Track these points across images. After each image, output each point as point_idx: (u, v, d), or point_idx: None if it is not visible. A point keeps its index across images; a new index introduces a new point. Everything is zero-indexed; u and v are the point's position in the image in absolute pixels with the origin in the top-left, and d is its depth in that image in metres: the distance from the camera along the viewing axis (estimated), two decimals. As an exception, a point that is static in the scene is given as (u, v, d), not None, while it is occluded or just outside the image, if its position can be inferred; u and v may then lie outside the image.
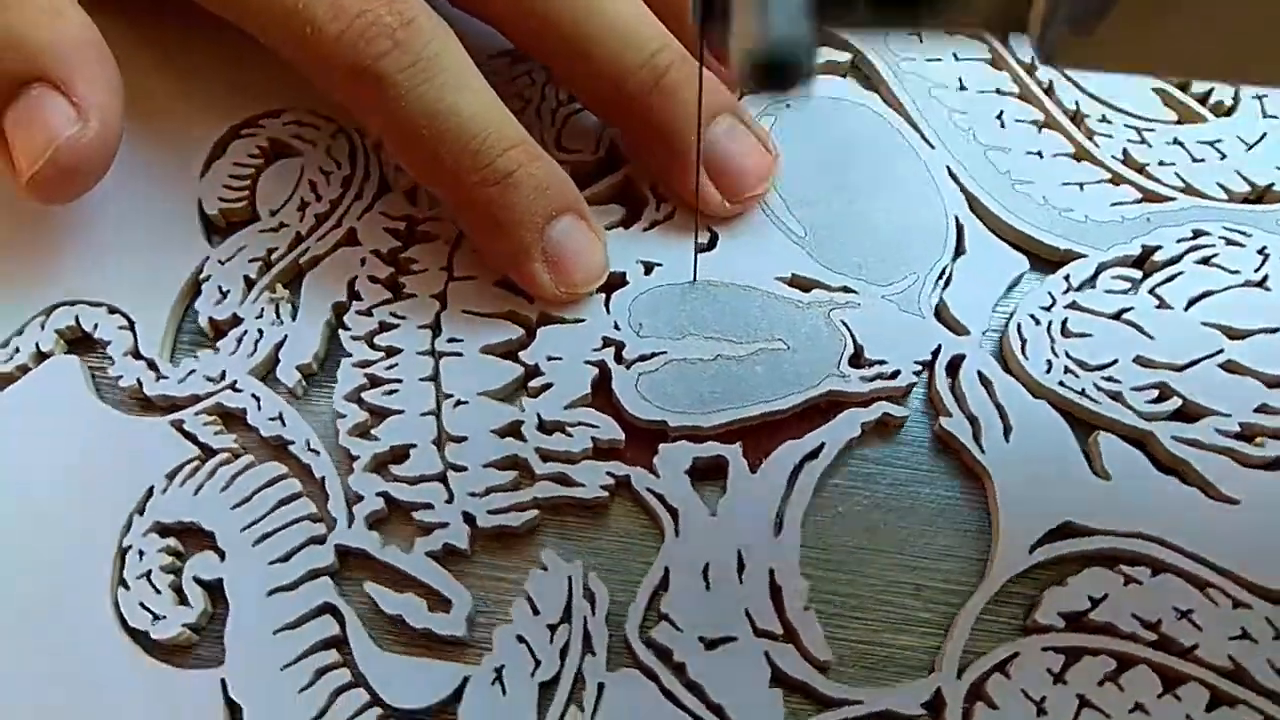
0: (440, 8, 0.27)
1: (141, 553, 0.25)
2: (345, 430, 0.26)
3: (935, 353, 0.27)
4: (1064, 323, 0.28)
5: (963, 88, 0.32)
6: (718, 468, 0.26)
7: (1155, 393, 0.27)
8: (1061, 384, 0.27)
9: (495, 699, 0.23)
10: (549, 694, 0.23)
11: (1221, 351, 0.27)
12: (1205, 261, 0.28)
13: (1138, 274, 0.28)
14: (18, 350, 0.27)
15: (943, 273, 0.29)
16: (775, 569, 0.25)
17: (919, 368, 0.27)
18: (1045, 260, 0.29)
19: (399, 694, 0.23)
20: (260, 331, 0.28)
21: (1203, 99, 0.31)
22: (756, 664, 0.24)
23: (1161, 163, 0.30)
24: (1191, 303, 0.28)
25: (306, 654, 0.24)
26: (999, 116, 0.31)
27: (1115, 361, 0.27)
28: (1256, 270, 0.28)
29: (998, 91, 0.32)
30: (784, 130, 0.31)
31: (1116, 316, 0.28)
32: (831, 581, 0.25)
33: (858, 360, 0.27)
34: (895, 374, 0.27)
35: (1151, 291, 0.28)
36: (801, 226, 0.29)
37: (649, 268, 0.29)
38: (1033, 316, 0.28)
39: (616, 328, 0.28)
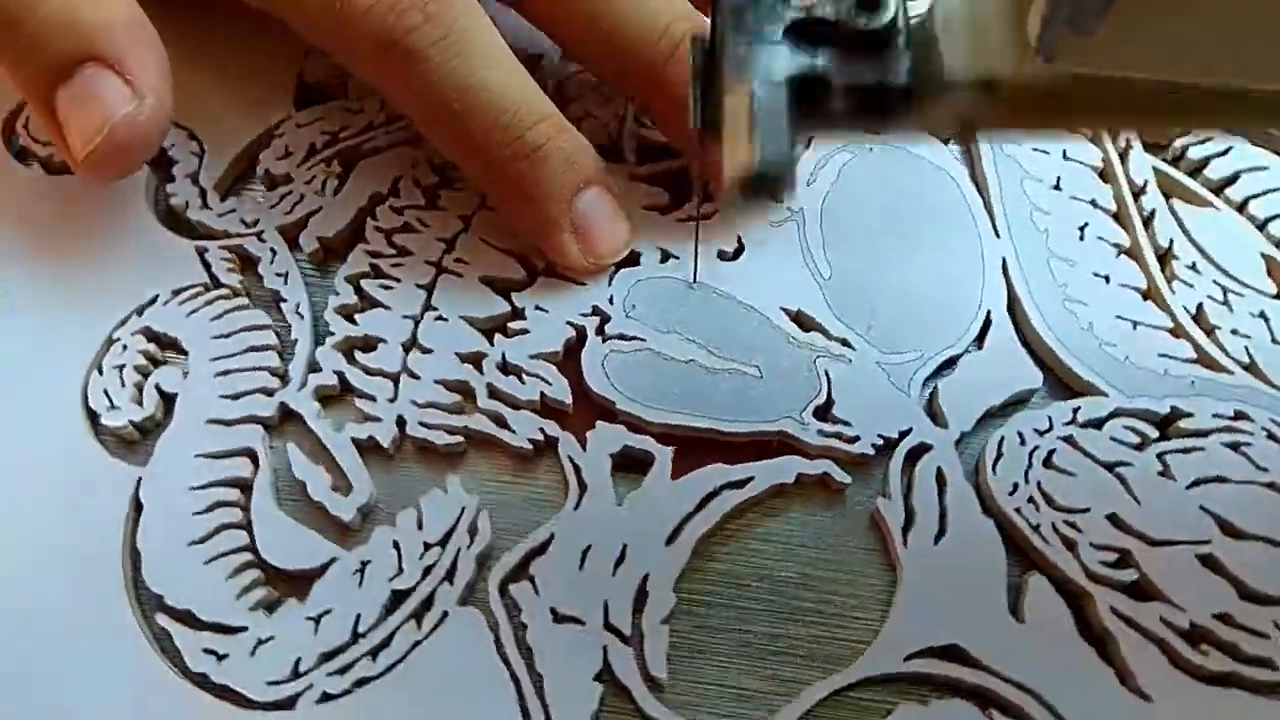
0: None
1: (125, 347, 0.27)
2: (333, 306, 0.28)
3: (904, 434, 0.26)
4: (1051, 453, 0.26)
5: (1057, 188, 0.30)
6: (643, 463, 0.26)
7: (1114, 556, 0.24)
8: (1018, 510, 0.25)
9: (350, 587, 0.24)
10: (398, 602, 0.24)
11: (1208, 543, 0.25)
12: (1234, 447, 0.26)
13: (1154, 434, 0.26)
14: (104, 142, 0.30)
15: (951, 359, 0.27)
16: (650, 575, 0.25)
17: (881, 443, 0.26)
18: (1064, 386, 0.27)
19: (274, 551, 0.25)
20: (302, 195, 0.30)
21: (1314, 282, 0.28)
22: (591, 653, 0.24)
23: (1235, 331, 0.27)
24: (1198, 483, 0.25)
25: (213, 485, 0.26)
26: (1082, 228, 0.29)
27: (1086, 510, 0.25)
28: (1288, 475, 0.25)
29: (1093, 204, 0.30)
30: (858, 171, 0.30)
31: (1110, 468, 0.26)
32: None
33: (824, 413, 0.27)
34: (854, 439, 0.26)
35: (1160, 456, 0.26)
36: (829, 267, 0.29)
37: (665, 256, 0.29)
38: (1020, 434, 0.26)
39: (611, 301, 0.28)
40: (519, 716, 0.23)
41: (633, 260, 0.29)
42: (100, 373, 0.27)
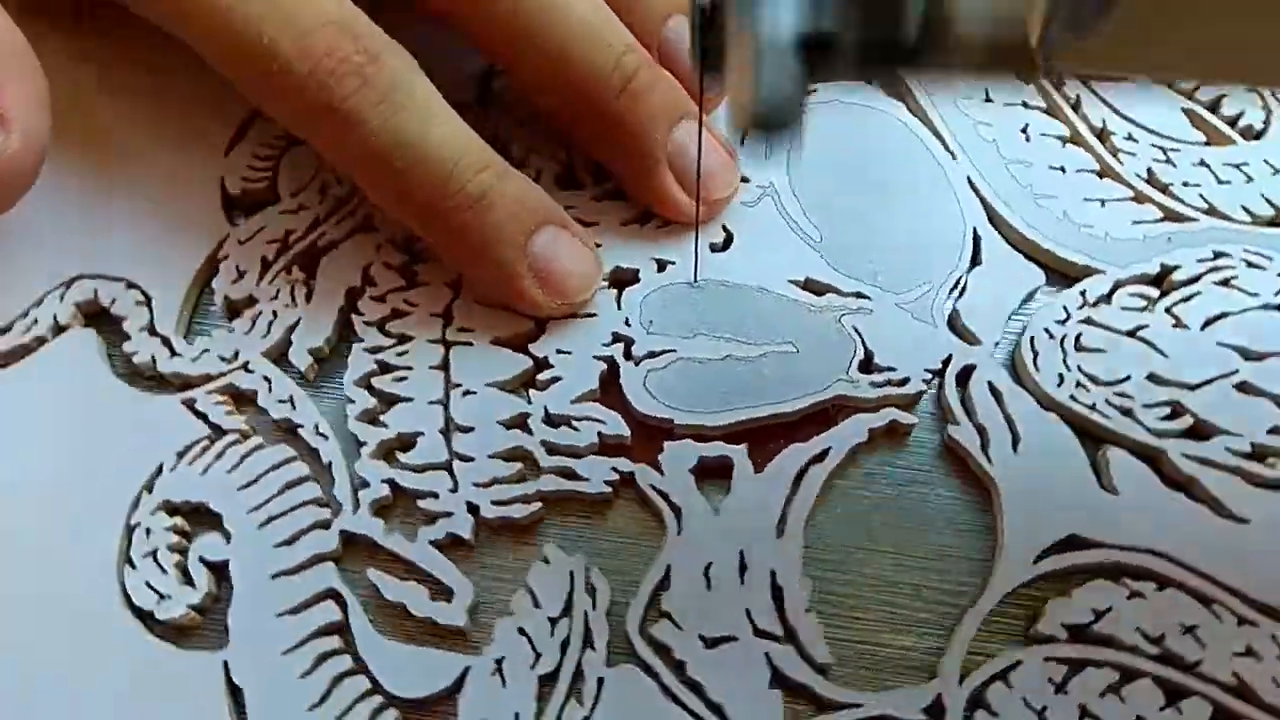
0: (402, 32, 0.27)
1: (149, 531, 0.25)
2: (354, 415, 0.26)
3: (946, 362, 0.27)
4: (1078, 337, 0.28)
5: (989, 99, 0.32)
6: (722, 468, 0.26)
7: (1167, 410, 0.26)
8: (1073, 398, 0.27)
9: (495, 690, 0.23)
10: (548, 687, 0.23)
11: (1236, 372, 0.27)
12: (1224, 283, 0.28)
13: (1155, 292, 0.28)
14: (36, 321, 0.27)
15: (957, 283, 0.29)
16: (777, 570, 0.25)
17: (929, 376, 0.27)
18: (1062, 275, 0.29)
19: (399, 682, 0.23)
20: (275, 313, 0.28)
21: (1232, 121, 0.31)
22: (756, 664, 0.24)
23: (1186, 183, 0.30)
24: (1208, 323, 0.28)
25: (309, 639, 0.24)
26: (1024, 130, 0.31)
27: (1128, 378, 0.27)
28: (1277, 294, 0.28)
29: (1024, 105, 0.32)
30: (807, 134, 0.31)
31: (1131, 334, 0.28)
32: (831, 582, 0.25)
33: (867, 366, 0.27)
34: (904, 381, 0.27)
35: (1168, 310, 0.28)
36: (818, 230, 0.29)
37: (662, 265, 0.29)
38: (1047, 330, 0.28)
39: (627, 324, 0.28)
40: (712, 750, 0.23)
41: (632, 278, 0.29)
42: (133, 566, 0.24)
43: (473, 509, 0.25)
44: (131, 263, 0.28)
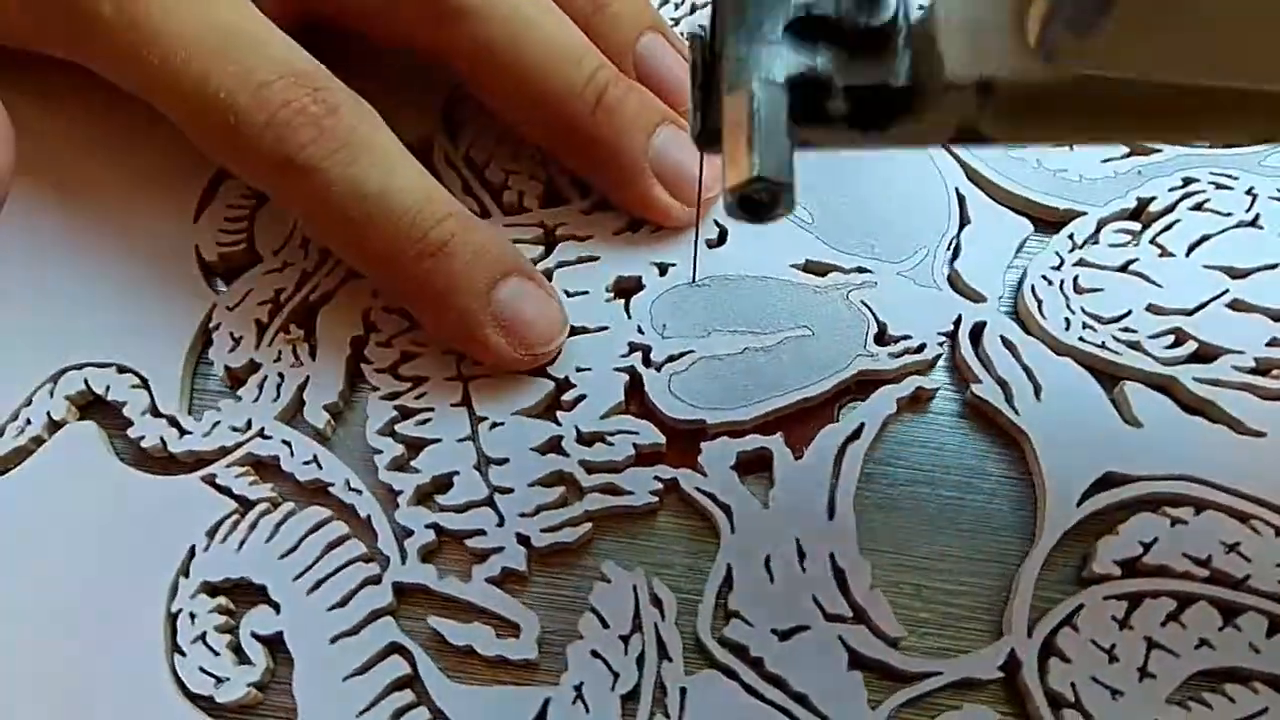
0: (362, 77, 0.27)
1: (193, 615, 0.24)
2: (384, 465, 0.26)
3: (957, 323, 0.28)
4: (1075, 279, 0.28)
5: (943, 61, 0.32)
6: (762, 460, 0.26)
7: (1171, 338, 0.27)
8: (1081, 339, 0.27)
9: (579, 717, 0.23)
10: (631, 705, 0.23)
11: (1227, 292, 0.28)
12: (1198, 207, 0.29)
13: (1137, 226, 0.29)
14: (29, 421, 0.26)
15: (951, 243, 0.29)
16: (835, 552, 0.25)
17: (943, 339, 0.28)
18: (1047, 222, 0.30)
19: (480, 724, 0.23)
20: (281, 375, 0.27)
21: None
22: (832, 649, 0.24)
23: (1143, 116, 0.31)
24: (1191, 248, 0.29)
25: (381, 697, 0.23)
26: (982, 86, 0.32)
27: (1129, 312, 0.28)
28: (1247, 210, 0.29)
29: (977, 62, 0.32)
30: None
31: (1123, 269, 0.28)
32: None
33: (883, 338, 0.28)
34: (921, 347, 0.27)
35: (1153, 241, 0.29)
36: (808, 213, 0.30)
37: (663, 269, 0.29)
38: (1044, 277, 0.28)
39: (640, 332, 0.28)
40: (807, 740, 0.23)
41: (635, 286, 0.28)
42: (183, 654, 0.23)
43: (523, 540, 0.25)
44: (118, 346, 0.27)
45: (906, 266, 0.29)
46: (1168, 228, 0.29)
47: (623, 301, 0.28)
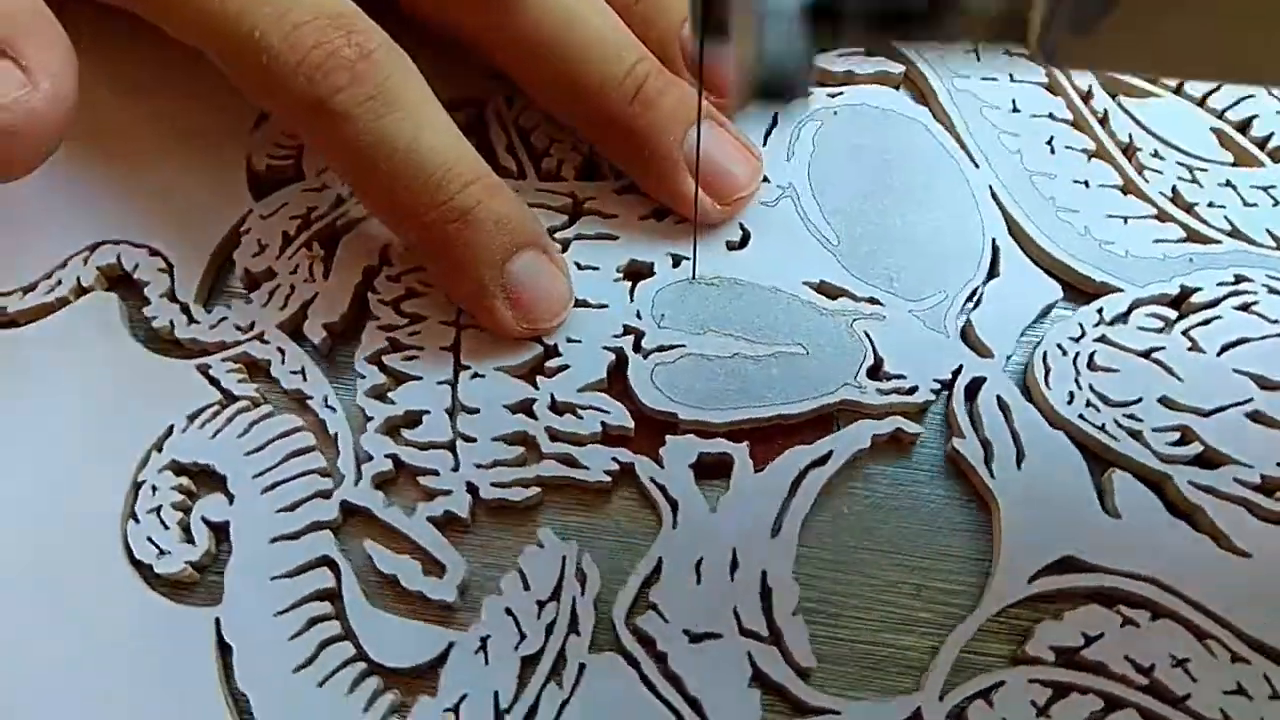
0: (405, 35, 0.27)
1: (155, 488, 0.25)
2: (362, 390, 0.27)
3: (956, 373, 0.27)
4: (1092, 355, 0.27)
5: (1015, 110, 0.31)
6: (723, 465, 0.26)
7: (1177, 435, 0.26)
8: (1081, 417, 0.26)
9: (478, 667, 0.24)
10: (530, 669, 0.24)
11: (1250, 401, 0.26)
12: (1245, 308, 0.28)
13: (1173, 314, 0.28)
14: (60, 283, 0.28)
15: (973, 293, 0.28)
16: (768, 571, 0.25)
17: (938, 386, 0.27)
18: (1080, 291, 0.29)
19: (385, 651, 0.24)
20: (293, 287, 0.28)
21: (1261, 143, 0.31)
22: (738, 662, 0.24)
23: (1211, 204, 0.29)
24: (1225, 348, 0.27)
25: (300, 603, 0.24)
26: (1049, 142, 0.31)
27: (1139, 400, 0.27)
28: (1298, 322, 0.27)
29: (1050, 116, 0.31)
30: (829, 137, 0.31)
31: (1146, 355, 0.27)
32: (831, 581, 0.25)
33: (876, 372, 0.27)
34: (913, 390, 0.27)
35: (1185, 333, 0.27)
36: (835, 234, 0.29)
37: (677, 260, 0.29)
38: (1060, 346, 0.27)
39: (639, 316, 0.28)
40: (688, 744, 0.23)
41: (647, 271, 0.29)
42: (137, 520, 0.25)
43: (472, 489, 0.26)
44: (156, 231, 0.29)
45: (921, 306, 0.28)
46: (1205, 322, 0.28)
47: (630, 284, 0.29)
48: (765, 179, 0.30)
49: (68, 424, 0.26)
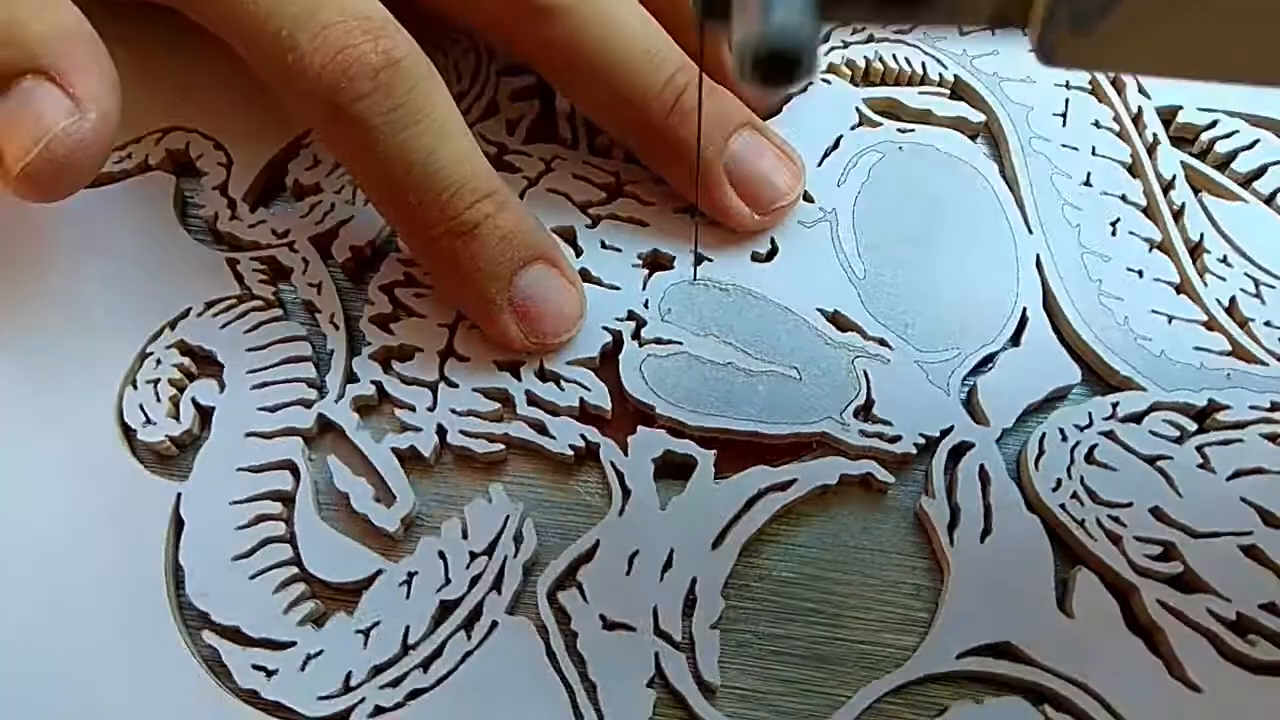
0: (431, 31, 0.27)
1: (159, 361, 0.27)
2: (368, 315, 0.28)
3: (946, 432, 0.26)
4: (1093, 448, 0.26)
5: (1088, 183, 0.30)
6: (686, 467, 0.26)
7: (1159, 550, 0.25)
8: (1063, 507, 0.25)
9: (398, 599, 0.24)
10: (445, 612, 0.24)
11: (1250, 534, 0.25)
12: (1273, 439, 0.26)
13: (1192, 426, 0.26)
14: (130, 156, 0.30)
15: (988, 357, 0.27)
16: (699, 579, 0.25)
17: (923, 441, 0.26)
18: (1101, 380, 0.27)
19: (318, 563, 0.25)
20: (333, 205, 0.29)
21: (1344, 275, 0.28)
22: (642, 660, 0.24)
23: (1269, 323, 0.28)
24: (1239, 474, 0.25)
25: (256, 498, 0.25)
26: (1114, 223, 0.29)
27: (1129, 504, 0.25)
28: (1327, 467, 0.25)
29: (1123, 198, 0.30)
30: (886, 172, 0.30)
31: (1151, 461, 0.26)
32: (832, 581, 0.25)
33: (864, 413, 0.27)
34: (896, 439, 0.26)
35: (1199, 449, 0.26)
36: (864, 268, 0.29)
37: (699, 259, 0.29)
38: (1062, 430, 0.26)
39: (646, 305, 0.28)
40: (574, 724, 0.23)
41: (667, 264, 0.29)
42: (135, 387, 0.27)
43: (441, 431, 0.26)
44: (227, 129, 0.31)
45: (928, 358, 0.27)
46: (1225, 443, 0.26)
47: (647, 273, 0.29)
48: (809, 198, 0.30)
49: (97, 283, 0.28)
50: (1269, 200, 0.30)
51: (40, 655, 0.24)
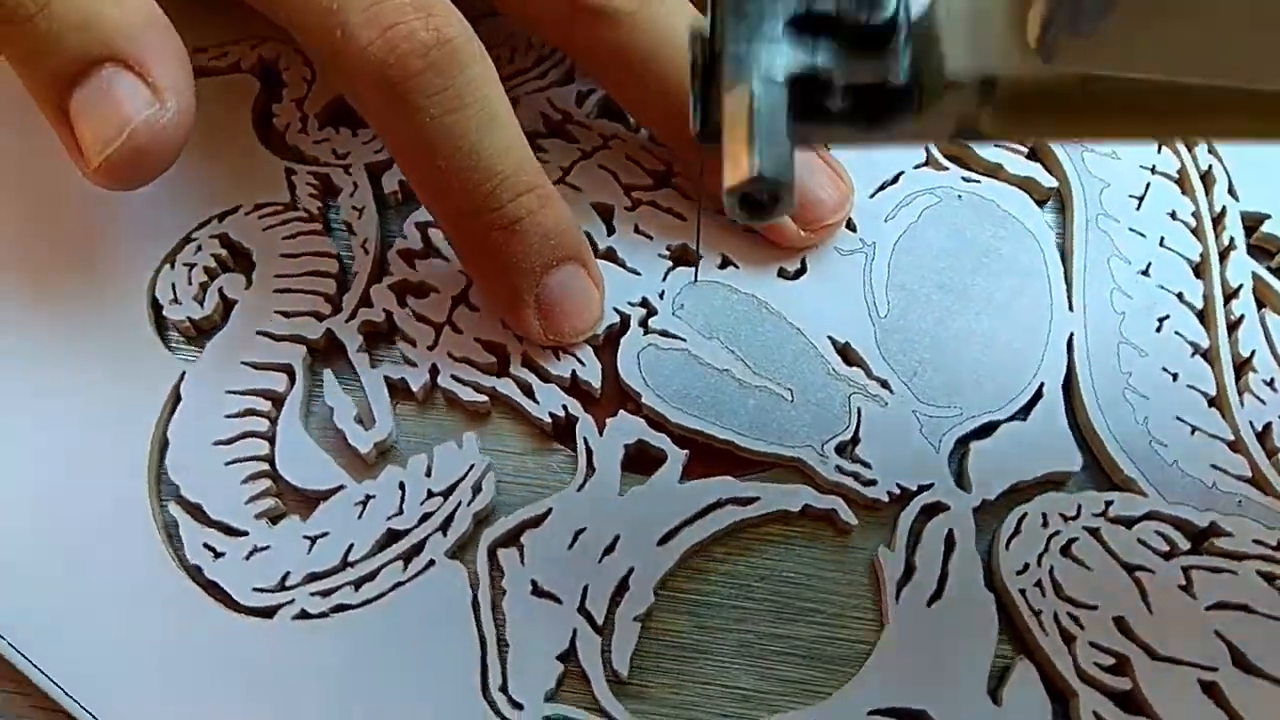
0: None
1: (200, 247, 0.29)
2: (397, 248, 0.29)
3: (924, 487, 0.26)
4: (1071, 541, 0.25)
5: (1146, 273, 0.28)
6: (654, 460, 0.26)
7: (1111, 661, 0.23)
8: (1023, 592, 0.24)
9: (350, 517, 0.25)
10: (388, 540, 0.25)
11: (1215, 671, 0.23)
12: (1269, 578, 0.24)
13: (1185, 545, 0.25)
14: (225, 54, 0.32)
15: (989, 424, 0.27)
16: (635, 571, 0.25)
17: (898, 492, 0.26)
18: (1102, 475, 0.26)
19: (288, 465, 0.26)
20: (392, 137, 0.31)
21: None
22: (559, 632, 0.24)
23: (1300, 458, 0.26)
24: (1221, 606, 0.24)
25: (249, 393, 0.27)
26: (1162, 319, 0.28)
27: (1094, 607, 0.24)
28: (1320, 619, 0.24)
29: (1179, 297, 0.28)
30: (938, 217, 0.29)
31: (1130, 569, 0.24)
32: (833, 581, 0.25)
33: (846, 450, 0.26)
34: (871, 482, 0.26)
35: (1185, 569, 0.24)
36: (888, 307, 0.28)
37: (725, 262, 0.29)
38: (1044, 515, 0.25)
39: (660, 296, 0.28)
40: (478, 677, 0.24)
41: (694, 260, 0.29)
42: (172, 267, 0.28)
43: (434, 371, 0.27)
44: (319, 45, 0.32)
45: (926, 410, 0.27)
46: (1215, 570, 0.24)
47: (671, 265, 0.29)
48: (852, 227, 0.29)
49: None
50: (1339, 331, 0.28)
51: (15, 484, 0.26)
